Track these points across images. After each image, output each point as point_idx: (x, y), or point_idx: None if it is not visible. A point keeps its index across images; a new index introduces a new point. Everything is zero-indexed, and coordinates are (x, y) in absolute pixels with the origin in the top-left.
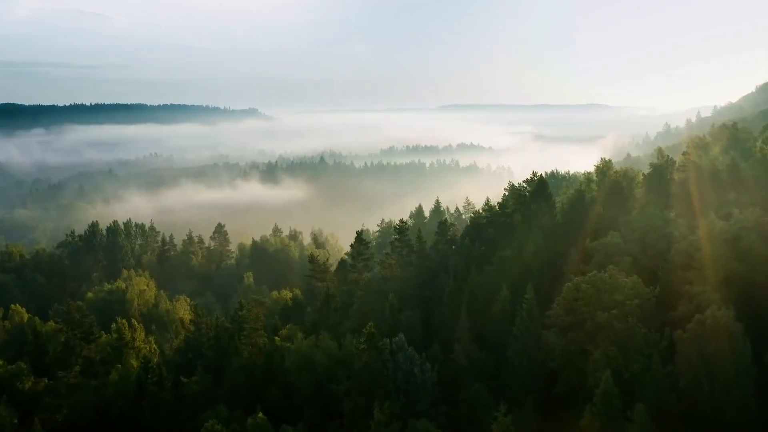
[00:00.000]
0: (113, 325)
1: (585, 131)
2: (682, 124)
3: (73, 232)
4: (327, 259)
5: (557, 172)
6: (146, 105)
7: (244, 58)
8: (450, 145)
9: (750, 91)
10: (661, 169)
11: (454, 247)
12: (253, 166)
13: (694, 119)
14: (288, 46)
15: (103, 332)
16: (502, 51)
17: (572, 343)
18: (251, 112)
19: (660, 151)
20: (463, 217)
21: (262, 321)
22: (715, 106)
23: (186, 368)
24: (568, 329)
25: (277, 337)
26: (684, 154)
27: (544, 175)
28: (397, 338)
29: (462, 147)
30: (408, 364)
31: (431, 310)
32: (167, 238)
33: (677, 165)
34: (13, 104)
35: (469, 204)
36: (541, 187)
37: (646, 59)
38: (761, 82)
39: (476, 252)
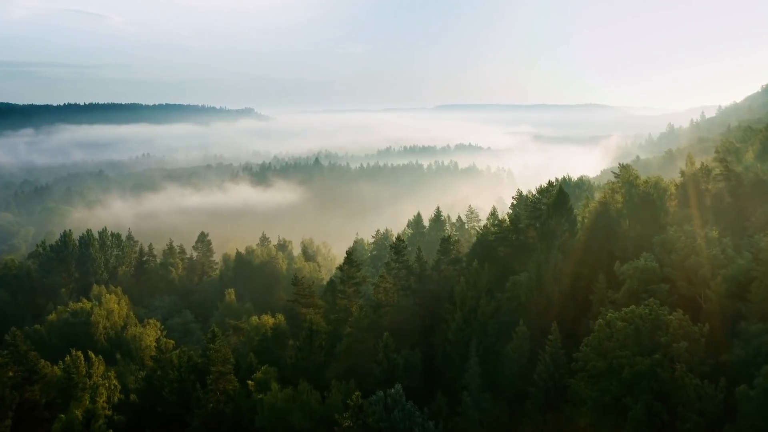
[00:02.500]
0: (67, 358)
1: (584, 131)
2: (682, 123)
3: (43, 242)
4: (313, 282)
5: (569, 178)
6: (141, 105)
7: (241, 58)
8: (448, 146)
9: (755, 91)
10: (696, 179)
11: (458, 267)
12: (246, 168)
13: (697, 119)
14: (286, 46)
15: (61, 362)
16: (499, 51)
17: (606, 394)
18: (247, 112)
19: (689, 156)
20: (466, 227)
21: (231, 363)
22: (720, 106)
23: (144, 415)
24: (600, 377)
25: (250, 381)
26: (720, 160)
27: (554, 181)
28: (393, 390)
29: (460, 147)
30: (406, 423)
31: (434, 347)
32: (146, 249)
33: (712, 174)
34: (7, 104)
35: (472, 212)
36: (560, 201)
37: (643, 59)
38: (766, 81)
39: (486, 276)
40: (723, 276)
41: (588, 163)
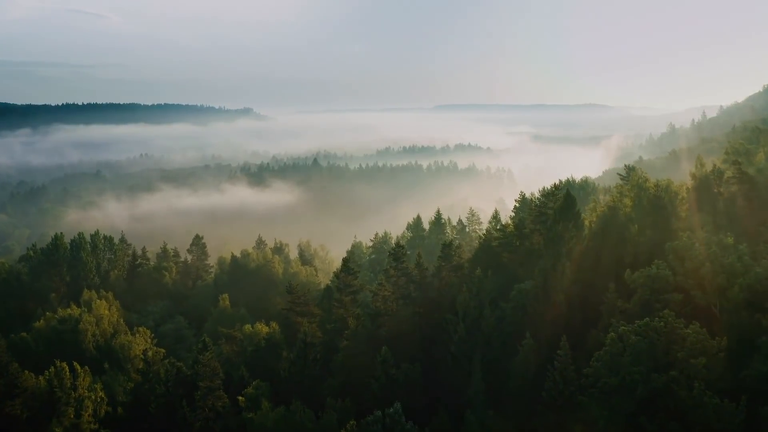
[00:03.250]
0: (51, 369)
1: (584, 131)
2: (683, 123)
3: (34, 245)
4: (309, 290)
5: (572, 180)
6: (139, 105)
7: (240, 58)
8: (447, 146)
9: (757, 91)
10: (708, 182)
11: (460, 273)
12: (244, 168)
13: (697, 119)
14: (285, 46)
15: (47, 372)
16: (497, 50)
17: (618, 412)
18: (246, 112)
19: (699, 158)
20: (467, 230)
21: (221, 377)
22: (721, 106)
23: (132, 430)
24: (612, 394)
25: (240, 397)
26: (732, 162)
27: (557, 182)
28: (391, 410)
29: (459, 147)
30: None
31: (435, 361)
32: (139, 252)
33: (725, 176)
34: (5, 104)
35: (473, 215)
36: (567, 205)
37: (643, 59)
38: None
39: (489, 284)
40: (740, 285)
41: (589, 164)
